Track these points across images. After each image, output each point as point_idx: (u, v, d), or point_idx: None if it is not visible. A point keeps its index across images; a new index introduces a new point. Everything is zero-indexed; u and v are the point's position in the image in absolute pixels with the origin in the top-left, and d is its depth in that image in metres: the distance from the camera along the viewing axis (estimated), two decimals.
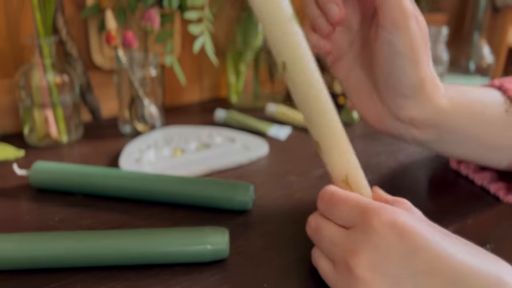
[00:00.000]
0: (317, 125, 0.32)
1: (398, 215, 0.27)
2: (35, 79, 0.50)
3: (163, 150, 0.50)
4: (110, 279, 0.30)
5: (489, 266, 0.25)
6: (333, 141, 0.32)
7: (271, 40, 0.31)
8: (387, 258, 0.25)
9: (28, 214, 0.38)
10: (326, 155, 0.32)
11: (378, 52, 0.35)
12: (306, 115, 0.32)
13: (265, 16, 0.30)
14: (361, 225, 0.27)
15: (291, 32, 0.30)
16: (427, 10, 1.01)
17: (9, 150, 0.49)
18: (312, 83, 0.31)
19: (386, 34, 0.33)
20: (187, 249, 0.31)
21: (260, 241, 0.35)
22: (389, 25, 0.32)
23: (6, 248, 0.30)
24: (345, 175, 0.32)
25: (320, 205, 0.31)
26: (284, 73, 0.31)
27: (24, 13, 0.54)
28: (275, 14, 0.30)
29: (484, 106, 0.38)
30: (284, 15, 0.30)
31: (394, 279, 0.25)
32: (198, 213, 0.39)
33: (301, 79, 0.31)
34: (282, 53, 0.30)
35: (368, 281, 0.25)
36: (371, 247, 0.26)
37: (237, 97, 0.71)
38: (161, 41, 0.59)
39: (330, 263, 0.29)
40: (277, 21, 0.30)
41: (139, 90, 0.55)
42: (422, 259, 0.25)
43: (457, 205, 0.42)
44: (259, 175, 0.47)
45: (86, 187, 0.41)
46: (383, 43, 0.34)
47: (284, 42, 0.30)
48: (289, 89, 0.32)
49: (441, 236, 0.26)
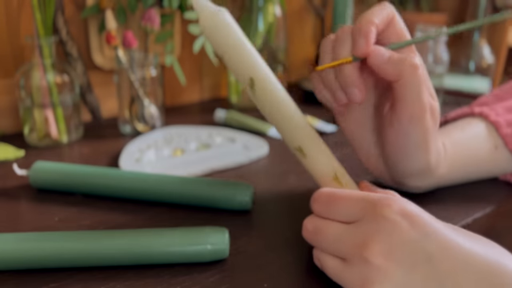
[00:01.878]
0: (297, 129, 0.33)
1: (406, 204, 0.28)
2: (35, 79, 0.50)
3: (163, 150, 0.50)
4: (110, 279, 0.30)
5: (487, 250, 0.26)
6: (314, 141, 0.34)
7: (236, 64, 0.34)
8: (401, 245, 0.26)
9: (28, 214, 0.38)
10: (311, 157, 0.33)
11: (391, 136, 0.36)
12: (283, 124, 0.33)
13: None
14: (371, 217, 0.28)
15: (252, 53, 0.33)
16: (427, 10, 1.01)
17: (9, 150, 0.49)
18: (280, 92, 0.34)
19: (402, 127, 0.34)
20: (187, 249, 0.31)
21: (260, 241, 0.35)
22: (406, 120, 0.34)
23: (6, 248, 0.30)
24: (333, 172, 0.33)
25: (316, 207, 0.31)
26: (251, 90, 0.33)
27: (24, 13, 0.54)
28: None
29: (477, 153, 0.42)
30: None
31: (409, 264, 0.26)
32: (198, 213, 0.39)
33: (270, 89, 0.33)
34: (250, 70, 0.33)
35: (384, 268, 0.26)
36: (384, 236, 0.26)
37: (237, 97, 0.71)
38: (161, 41, 0.59)
39: (338, 260, 0.29)
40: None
41: (139, 90, 0.55)
42: (433, 244, 0.26)
43: (458, 204, 0.42)
44: (259, 175, 0.47)
45: (86, 187, 0.41)
46: (398, 133, 0.35)
47: (252, 61, 0.33)
48: (258, 105, 0.34)
49: (443, 223, 0.28)
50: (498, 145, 0.42)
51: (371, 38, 0.32)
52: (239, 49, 0.33)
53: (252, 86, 0.33)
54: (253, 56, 0.33)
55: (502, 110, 0.43)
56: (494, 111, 0.43)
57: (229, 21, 0.33)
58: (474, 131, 0.42)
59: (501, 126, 0.42)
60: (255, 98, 0.33)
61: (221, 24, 0.32)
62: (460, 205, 0.41)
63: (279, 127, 0.34)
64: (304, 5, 0.86)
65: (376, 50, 0.32)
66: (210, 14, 0.32)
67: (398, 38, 0.34)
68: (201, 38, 0.57)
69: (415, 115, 0.33)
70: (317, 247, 0.31)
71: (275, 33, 0.69)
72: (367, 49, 0.32)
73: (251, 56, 0.33)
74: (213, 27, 0.32)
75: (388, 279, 0.26)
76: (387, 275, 0.26)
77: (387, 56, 0.32)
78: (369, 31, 0.32)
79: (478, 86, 0.79)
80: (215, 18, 0.32)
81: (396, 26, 0.34)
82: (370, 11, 0.33)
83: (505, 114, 0.43)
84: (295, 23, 0.85)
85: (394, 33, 0.34)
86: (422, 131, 0.34)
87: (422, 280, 0.25)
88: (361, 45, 0.32)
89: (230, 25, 0.33)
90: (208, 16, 0.32)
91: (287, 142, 0.34)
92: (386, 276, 0.26)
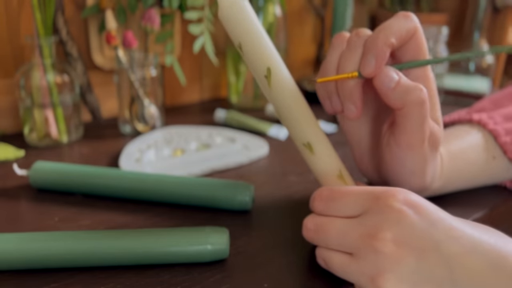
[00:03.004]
0: (308, 124, 0.33)
1: (410, 194, 0.28)
2: (35, 79, 0.50)
3: (163, 150, 0.50)
4: (110, 279, 0.30)
5: (496, 239, 0.26)
6: (323, 138, 0.34)
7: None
8: (410, 232, 0.26)
9: (28, 214, 0.38)
10: (318, 154, 0.33)
11: (386, 156, 0.35)
12: (296, 117, 0.33)
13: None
14: (376, 208, 0.27)
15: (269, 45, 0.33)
16: (427, 10, 1.01)
17: (9, 150, 0.49)
18: (294, 85, 0.33)
19: (399, 151, 0.33)
20: (187, 249, 0.31)
21: (260, 241, 0.35)
22: (404, 147, 0.33)
23: (6, 248, 0.30)
24: (339, 169, 0.33)
25: (317, 205, 0.31)
26: (267, 81, 0.33)
27: (24, 13, 0.54)
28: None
29: (474, 164, 0.41)
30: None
31: (419, 250, 0.26)
32: (198, 213, 0.39)
33: (285, 81, 0.33)
34: (268, 60, 0.33)
35: (396, 256, 0.26)
36: (393, 224, 0.26)
37: (237, 97, 0.71)
38: (161, 41, 0.59)
39: (345, 255, 0.28)
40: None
41: (139, 90, 0.55)
42: (440, 230, 0.26)
43: (459, 204, 0.42)
44: (259, 175, 0.47)
45: (86, 187, 0.41)
46: (394, 156, 0.34)
47: (269, 51, 0.33)
48: (270, 98, 0.34)
49: (448, 214, 0.28)
50: (496, 156, 0.41)
51: (382, 60, 0.30)
52: (258, 38, 0.32)
53: (268, 77, 0.33)
54: (270, 46, 0.33)
55: (501, 119, 0.42)
56: (493, 119, 0.42)
57: (249, 10, 0.33)
58: (472, 141, 0.42)
59: (499, 135, 0.41)
60: (270, 89, 0.33)
61: (241, 12, 0.32)
62: (459, 206, 0.41)
63: (290, 121, 0.33)
64: (304, 5, 0.86)
65: (384, 74, 0.31)
66: (230, 2, 0.32)
67: (414, 55, 0.32)
68: (201, 38, 0.57)
69: (413, 144, 0.33)
70: (320, 245, 0.30)
71: (275, 33, 0.69)
72: (375, 71, 0.31)
73: (269, 46, 0.33)
74: (233, 16, 0.32)
75: (400, 266, 0.26)
76: (400, 263, 0.26)
77: (394, 83, 0.30)
78: (382, 53, 0.30)
79: (478, 86, 0.79)
80: (235, 6, 0.32)
81: (416, 41, 0.32)
82: (392, 23, 0.31)
83: (503, 122, 0.42)
84: (295, 23, 0.85)
85: (411, 50, 0.32)
86: (419, 159, 0.33)
87: (431, 267, 0.25)
88: (370, 65, 0.30)
89: (250, 14, 0.32)
90: (228, 4, 0.32)
91: (296, 137, 0.34)
92: (398, 264, 0.26)
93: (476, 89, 0.78)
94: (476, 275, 0.25)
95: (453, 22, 1.01)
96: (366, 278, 0.27)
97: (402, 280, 0.25)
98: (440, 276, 0.25)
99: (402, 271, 0.26)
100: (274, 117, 0.65)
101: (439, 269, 0.25)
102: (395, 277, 0.26)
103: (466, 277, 0.25)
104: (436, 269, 0.25)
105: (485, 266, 0.25)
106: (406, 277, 0.25)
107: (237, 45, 0.33)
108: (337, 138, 0.58)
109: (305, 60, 0.90)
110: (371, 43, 0.31)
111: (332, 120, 0.64)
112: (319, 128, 0.34)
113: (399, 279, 0.25)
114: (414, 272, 0.26)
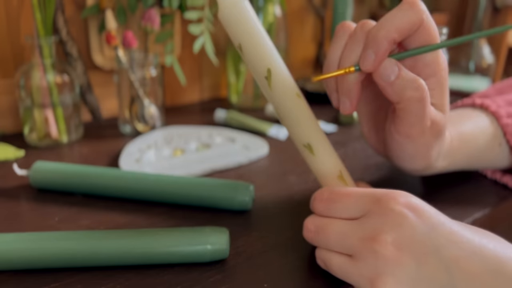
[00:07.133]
0: (308, 125, 0.33)
1: (411, 198, 0.28)
2: (35, 79, 0.50)
3: (163, 150, 0.50)
4: (110, 279, 0.30)
5: (495, 243, 0.26)
6: (323, 139, 0.34)
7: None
8: (411, 235, 0.26)
9: (28, 214, 0.38)
10: (319, 155, 0.33)
11: (389, 140, 0.35)
12: (295, 118, 0.33)
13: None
14: (377, 210, 0.27)
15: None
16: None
17: (9, 150, 0.49)
18: (295, 86, 0.33)
19: (400, 139, 0.34)
20: (187, 249, 0.31)
21: (260, 241, 0.35)
22: (404, 136, 0.33)
23: (7, 248, 0.30)
24: (339, 170, 0.33)
25: (317, 206, 0.31)
26: (267, 81, 0.33)
27: (24, 13, 0.54)
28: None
29: (482, 149, 0.41)
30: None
31: (419, 255, 0.26)
32: (198, 213, 0.39)
33: (285, 82, 0.33)
34: (268, 61, 0.33)
35: (396, 259, 0.26)
36: (393, 227, 0.26)
37: (237, 97, 0.71)
38: (161, 41, 0.59)
39: (345, 257, 0.28)
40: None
41: (139, 90, 0.55)
42: (441, 234, 0.26)
43: (459, 204, 0.42)
44: (259, 175, 0.47)
45: (86, 187, 0.41)
46: (396, 143, 0.34)
47: (270, 52, 0.33)
48: (271, 99, 0.34)
49: (448, 218, 0.28)
50: (502, 143, 0.42)
51: (382, 56, 0.30)
52: (258, 38, 0.32)
53: (268, 78, 0.32)
54: (271, 47, 0.33)
55: (503, 103, 0.43)
56: (495, 103, 0.43)
57: (249, 10, 0.33)
58: (483, 127, 0.42)
59: (501, 117, 0.42)
60: (270, 90, 0.33)
61: (242, 12, 0.32)
62: (459, 206, 0.41)
63: (290, 122, 0.33)
64: (304, 5, 0.86)
65: (383, 68, 0.30)
66: (230, 2, 0.32)
67: (424, 43, 0.31)
68: (201, 38, 0.57)
69: (412, 135, 0.33)
70: (320, 246, 0.30)
71: (275, 33, 0.69)
72: (374, 66, 0.30)
73: (269, 46, 0.33)
74: (233, 16, 0.32)
75: (400, 269, 0.25)
76: (400, 266, 0.26)
77: (393, 77, 0.30)
78: (383, 49, 0.30)
79: (478, 86, 0.79)
80: (236, 6, 0.32)
81: (424, 31, 0.31)
82: (396, 16, 0.30)
83: (506, 106, 0.43)
84: (295, 23, 0.85)
85: (420, 38, 0.31)
86: (419, 146, 0.34)
87: (431, 271, 0.25)
88: (369, 60, 0.30)
89: (250, 14, 0.32)
90: (228, 4, 0.32)
91: (296, 138, 0.34)
92: (398, 267, 0.26)
93: (476, 89, 0.78)
94: (476, 279, 0.25)
95: (453, 22, 1.01)
96: (366, 280, 0.27)
97: (402, 283, 0.25)
98: (440, 280, 0.25)
99: (402, 274, 0.25)
100: (274, 117, 0.65)
101: (439, 273, 0.25)
102: (395, 280, 0.25)
103: (465, 281, 0.25)
104: (435, 273, 0.25)
105: (484, 270, 0.25)
106: (405, 281, 0.25)
107: (237, 45, 0.33)
108: (337, 138, 0.58)
109: (305, 60, 0.90)
110: (372, 37, 0.30)
111: (332, 120, 0.64)
112: (319, 129, 0.34)
113: (398, 282, 0.25)
114: (414, 276, 0.25)
